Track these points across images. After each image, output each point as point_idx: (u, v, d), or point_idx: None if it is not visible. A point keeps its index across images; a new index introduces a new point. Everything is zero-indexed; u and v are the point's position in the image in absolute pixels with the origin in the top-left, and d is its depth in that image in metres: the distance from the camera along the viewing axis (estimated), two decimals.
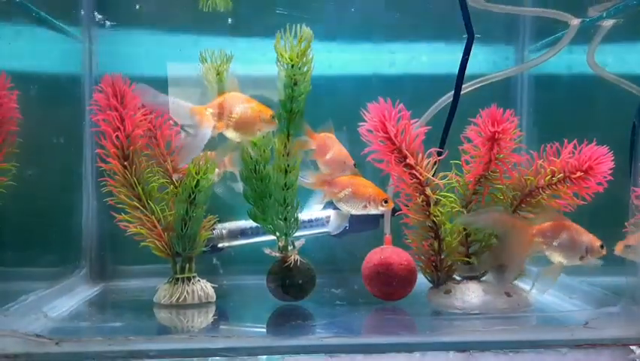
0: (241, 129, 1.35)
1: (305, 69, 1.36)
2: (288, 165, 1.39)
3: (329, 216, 1.63)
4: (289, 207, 1.41)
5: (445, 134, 1.44)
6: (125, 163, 1.40)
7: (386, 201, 1.38)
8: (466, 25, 1.43)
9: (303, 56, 1.35)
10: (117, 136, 1.38)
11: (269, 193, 1.42)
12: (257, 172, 1.42)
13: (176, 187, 1.47)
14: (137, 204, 1.42)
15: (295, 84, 1.36)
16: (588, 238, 1.25)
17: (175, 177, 1.48)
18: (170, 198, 1.47)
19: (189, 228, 1.42)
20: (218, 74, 1.47)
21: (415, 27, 1.80)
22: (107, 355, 1.08)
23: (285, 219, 1.42)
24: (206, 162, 1.40)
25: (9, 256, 1.40)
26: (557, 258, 1.27)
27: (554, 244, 1.26)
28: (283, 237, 1.43)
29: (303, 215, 1.56)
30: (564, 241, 1.26)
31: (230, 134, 1.36)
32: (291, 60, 1.34)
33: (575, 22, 1.51)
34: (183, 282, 1.44)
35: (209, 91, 1.48)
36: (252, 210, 1.45)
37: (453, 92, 1.47)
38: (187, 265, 1.46)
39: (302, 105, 1.38)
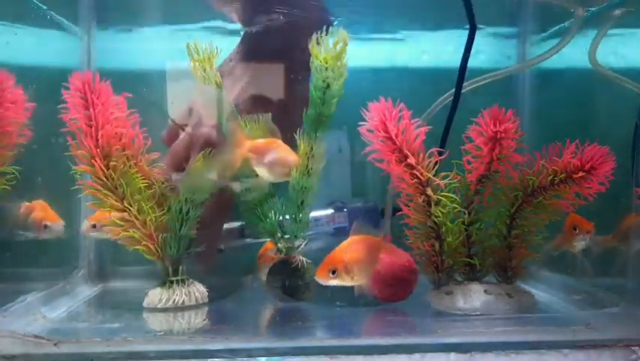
0: None
1: (339, 73, 1.34)
2: (311, 168, 1.38)
3: (329, 215, 1.62)
4: (304, 209, 1.41)
5: (445, 133, 1.44)
6: (105, 164, 1.33)
7: None
8: (470, 23, 1.43)
9: (338, 58, 1.34)
10: (93, 135, 1.31)
11: (271, 194, 1.42)
12: None
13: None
14: (122, 206, 1.35)
15: (328, 87, 1.35)
16: (295, 158, 1.31)
17: (174, 176, 1.47)
18: (146, 198, 1.39)
19: (186, 228, 1.40)
20: (204, 69, 1.43)
21: (419, 19, 1.80)
22: (106, 356, 1.07)
23: (299, 220, 1.41)
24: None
25: (7, 256, 1.39)
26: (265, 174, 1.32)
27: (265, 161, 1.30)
28: (293, 238, 1.43)
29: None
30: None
31: None
32: (326, 62, 1.33)
33: (580, 12, 1.50)
34: (178, 284, 1.42)
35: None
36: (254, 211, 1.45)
37: (454, 90, 1.46)
38: (180, 267, 1.43)
39: (332, 109, 1.37)
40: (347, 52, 1.34)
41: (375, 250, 1.29)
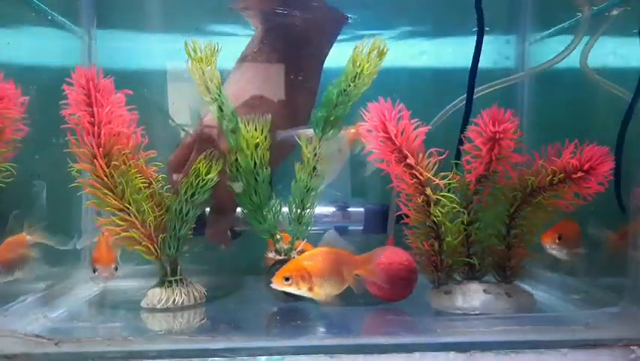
0: None
1: (366, 81, 1.35)
2: (315, 169, 1.39)
3: (333, 212, 1.63)
4: (307, 211, 1.42)
5: (461, 137, 1.44)
6: (106, 162, 1.30)
7: None
8: (478, 26, 1.43)
9: (375, 66, 1.34)
10: (95, 133, 1.28)
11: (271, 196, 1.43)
12: (258, 175, 1.41)
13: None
14: (121, 206, 1.34)
15: (347, 94, 1.35)
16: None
17: (175, 176, 1.47)
18: (146, 197, 1.38)
19: (184, 228, 1.40)
20: (203, 70, 1.39)
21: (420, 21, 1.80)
22: (107, 355, 1.07)
23: (301, 221, 1.42)
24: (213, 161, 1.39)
25: None
26: None
27: None
28: (295, 239, 1.44)
29: None
30: None
31: None
32: (364, 70, 1.33)
33: (587, 12, 1.50)
34: (177, 284, 1.42)
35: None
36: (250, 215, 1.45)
37: (465, 95, 1.48)
38: (178, 267, 1.43)
39: (346, 111, 1.37)
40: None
41: (340, 265, 1.28)
